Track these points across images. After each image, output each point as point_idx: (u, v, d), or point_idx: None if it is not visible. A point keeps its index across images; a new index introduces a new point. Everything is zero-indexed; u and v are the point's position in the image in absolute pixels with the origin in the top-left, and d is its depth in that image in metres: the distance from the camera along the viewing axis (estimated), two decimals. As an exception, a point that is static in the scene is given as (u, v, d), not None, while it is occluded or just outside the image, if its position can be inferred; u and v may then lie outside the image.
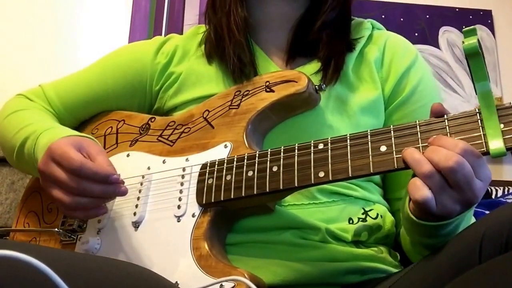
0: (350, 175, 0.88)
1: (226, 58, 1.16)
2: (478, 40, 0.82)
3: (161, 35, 2.78)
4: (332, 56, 1.15)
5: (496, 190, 2.70)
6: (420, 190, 0.81)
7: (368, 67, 1.17)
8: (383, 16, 3.14)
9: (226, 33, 1.17)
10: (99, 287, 0.77)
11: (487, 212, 1.61)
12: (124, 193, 1.00)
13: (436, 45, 3.21)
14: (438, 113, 0.88)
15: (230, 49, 1.15)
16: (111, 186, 0.99)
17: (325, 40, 1.17)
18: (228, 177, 0.99)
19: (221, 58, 1.19)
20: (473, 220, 0.98)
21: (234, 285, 0.87)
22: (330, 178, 0.90)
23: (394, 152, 0.86)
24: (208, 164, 1.04)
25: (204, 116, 1.13)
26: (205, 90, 1.18)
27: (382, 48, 1.21)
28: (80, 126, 1.30)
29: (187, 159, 1.08)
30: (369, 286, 1.00)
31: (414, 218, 0.87)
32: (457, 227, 0.88)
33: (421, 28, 3.22)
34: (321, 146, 0.93)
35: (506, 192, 2.70)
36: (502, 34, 3.29)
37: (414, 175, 0.84)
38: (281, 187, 0.94)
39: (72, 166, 0.97)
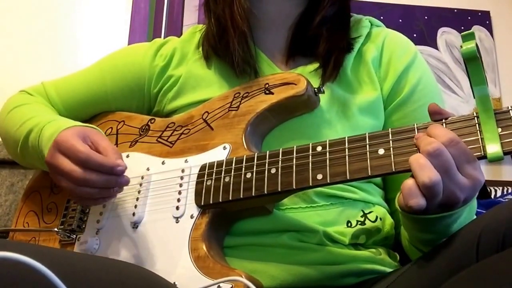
0: (348, 178, 0.89)
1: (230, 51, 1.14)
2: (477, 44, 0.82)
3: (160, 36, 2.80)
4: (332, 52, 1.14)
5: (495, 190, 2.71)
6: (416, 197, 0.81)
7: (366, 67, 1.17)
8: (381, 17, 3.14)
9: (230, 24, 1.15)
10: (98, 287, 0.78)
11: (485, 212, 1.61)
12: (126, 182, 1.01)
13: (435, 46, 3.21)
14: (436, 113, 0.88)
15: (234, 41, 1.14)
16: (114, 177, 1.00)
17: (325, 35, 1.16)
18: (227, 179, 0.99)
19: (223, 54, 1.18)
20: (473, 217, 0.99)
21: (232, 286, 0.87)
22: (328, 181, 0.90)
23: (392, 155, 0.86)
24: (207, 166, 1.04)
25: (204, 117, 1.13)
26: (205, 94, 1.17)
27: (381, 47, 1.20)
28: None
29: (186, 160, 1.08)
30: (366, 286, 1.00)
31: (410, 215, 0.87)
32: (453, 222, 0.88)
33: (420, 29, 3.22)
34: (319, 148, 0.93)
35: (505, 192, 2.71)
36: (500, 35, 3.29)
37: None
38: (279, 189, 0.94)
39: (79, 158, 0.99)
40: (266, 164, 0.97)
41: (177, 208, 1.03)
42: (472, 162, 0.82)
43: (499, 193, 2.71)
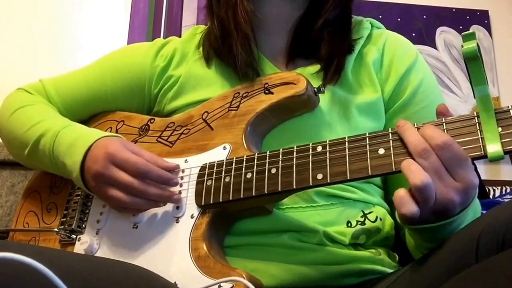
0: (348, 178, 0.89)
1: (233, 54, 1.14)
2: (477, 44, 0.83)
3: (159, 36, 2.80)
4: (334, 55, 1.14)
5: (494, 190, 2.71)
6: (407, 204, 0.81)
7: (367, 69, 1.16)
8: (380, 16, 3.14)
9: (233, 27, 1.14)
10: (98, 287, 0.78)
11: (484, 212, 1.61)
12: (177, 201, 1.03)
13: (433, 46, 3.22)
14: (442, 114, 0.88)
15: (238, 44, 1.13)
16: (167, 192, 1.02)
17: (327, 38, 1.16)
18: (227, 179, 0.99)
19: (226, 57, 1.17)
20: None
21: (233, 286, 0.87)
22: (328, 181, 0.90)
23: (392, 155, 0.86)
24: (207, 166, 1.04)
25: (203, 117, 1.13)
26: (205, 94, 1.17)
27: (381, 49, 1.20)
28: None
29: (186, 160, 1.08)
30: (366, 287, 1.01)
31: (411, 226, 0.87)
32: (457, 227, 0.88)
33: (418, 28, 3.22)
34: (319, 148, 0.93)
35: (503, 192, 2.70)
36: (499, 34, 3.30)
37: None
38: (279, 189, 0.94)
39: (138, 170, 1.00)
40: (266, 164, 0.97)
41: (178, 208, 1.03)
42: (463, 165, 0.82)
43: (497, 193, 2.71)
